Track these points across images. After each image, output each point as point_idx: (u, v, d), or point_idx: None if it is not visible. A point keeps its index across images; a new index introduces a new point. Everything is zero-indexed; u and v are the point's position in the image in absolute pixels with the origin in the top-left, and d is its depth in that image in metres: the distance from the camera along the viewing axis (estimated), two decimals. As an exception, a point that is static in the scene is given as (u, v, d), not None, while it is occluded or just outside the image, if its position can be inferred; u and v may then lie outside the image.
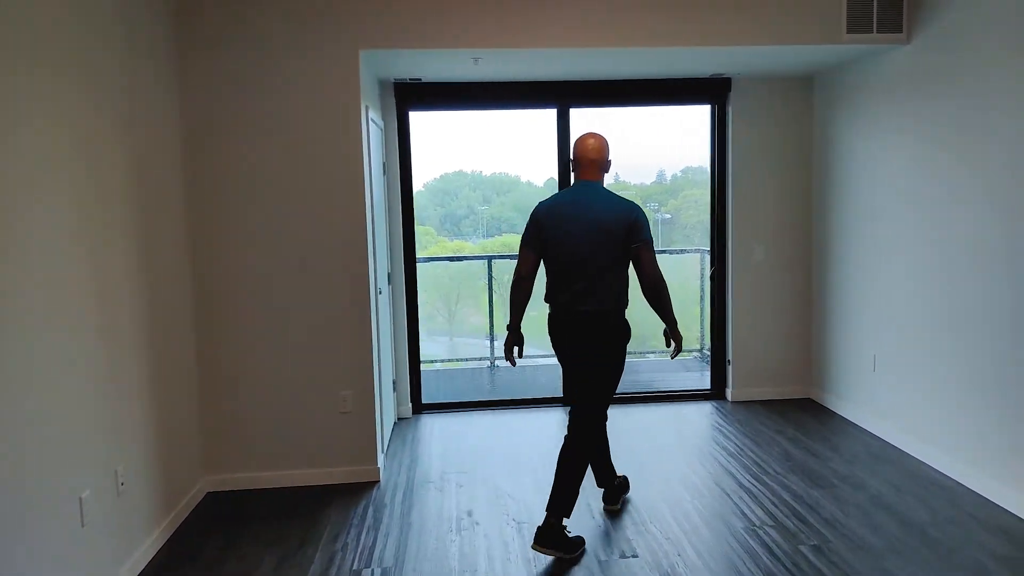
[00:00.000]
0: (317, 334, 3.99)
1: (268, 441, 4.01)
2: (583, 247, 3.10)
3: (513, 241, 9.23)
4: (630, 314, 3.28)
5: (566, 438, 3.26)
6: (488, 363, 6.93)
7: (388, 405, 4.74)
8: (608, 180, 3.36)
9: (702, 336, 7.10)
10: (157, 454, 3.38)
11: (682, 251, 7.61)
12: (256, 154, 3.88)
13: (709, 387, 5.64)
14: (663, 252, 7.57)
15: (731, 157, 5.29)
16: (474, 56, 4.19)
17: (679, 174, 7.88)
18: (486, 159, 8.45)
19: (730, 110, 5.25)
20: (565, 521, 3.18)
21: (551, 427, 5.01)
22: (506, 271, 8.61)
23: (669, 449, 4.49)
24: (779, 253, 5.38)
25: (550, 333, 3.29)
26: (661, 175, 8.09)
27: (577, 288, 3.12)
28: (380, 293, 4.37)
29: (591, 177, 3.21)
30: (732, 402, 5.44)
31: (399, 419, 5.22)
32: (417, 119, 5.28)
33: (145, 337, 3.28)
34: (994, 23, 3.48)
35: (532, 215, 3.24)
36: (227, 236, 3.90)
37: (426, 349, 6.00)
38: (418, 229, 5.39)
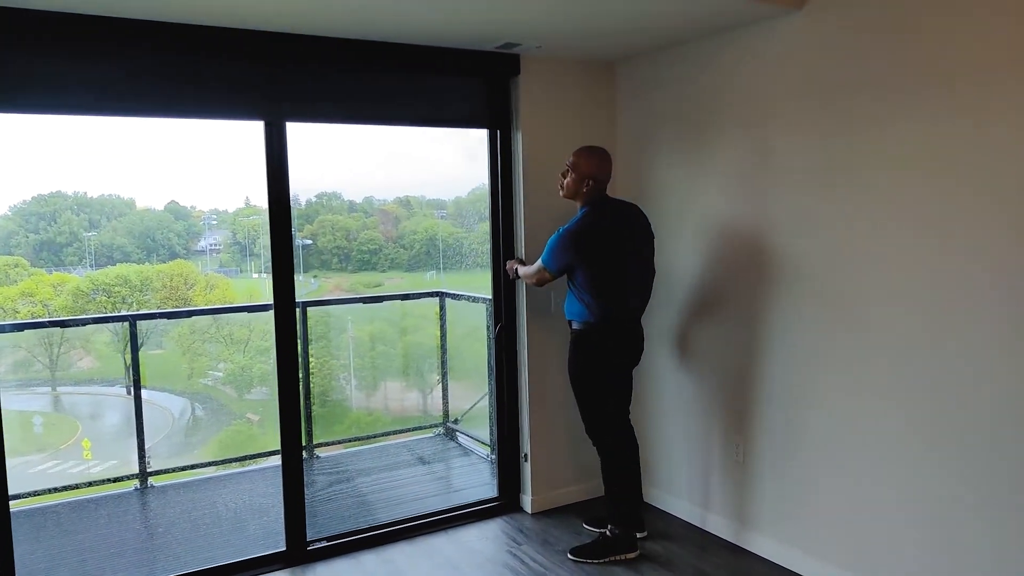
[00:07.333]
0: None
1: None
2: None
3: (129, 272, 7.07)
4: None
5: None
6: (138, 486, 4.25)
7: None
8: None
9: (445, 403, 5.38)
10: None
11: (408, 296, 5.76)
12: None
13: (496, 495, 3.93)
14: (392, 298, 5.74)
15: (521, 163, 3.65)
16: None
17: (314, 199, 7.69)
18: (92, 177, 7.22)
19: (519, 96, 3.61)
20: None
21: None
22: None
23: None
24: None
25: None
26: (295, 199, 7.74)
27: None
28: None
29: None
30: (533, 514, 3.81)
31: None
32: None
33: None
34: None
35: None
36: None
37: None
38: (4, 260, 3.92)
